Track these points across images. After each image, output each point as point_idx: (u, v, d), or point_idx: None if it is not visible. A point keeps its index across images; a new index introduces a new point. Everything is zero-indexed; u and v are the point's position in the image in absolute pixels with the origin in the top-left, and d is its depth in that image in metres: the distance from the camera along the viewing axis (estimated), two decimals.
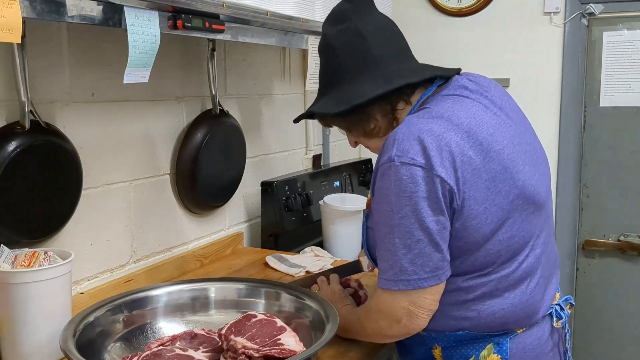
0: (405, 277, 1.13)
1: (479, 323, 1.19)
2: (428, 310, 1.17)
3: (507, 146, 1.17)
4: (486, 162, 1.13)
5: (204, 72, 1.86)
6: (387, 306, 1.18)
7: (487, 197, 1.13)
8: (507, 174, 1.15)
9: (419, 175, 1.10)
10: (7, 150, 1.27)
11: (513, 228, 1.16)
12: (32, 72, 1.33)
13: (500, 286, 1.18)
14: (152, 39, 1.32)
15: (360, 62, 1.24)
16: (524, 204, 1.18)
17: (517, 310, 1.19)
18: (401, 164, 1.11)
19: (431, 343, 1.25)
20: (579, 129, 2.67)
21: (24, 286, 1.18)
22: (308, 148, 2.53)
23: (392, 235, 1.13)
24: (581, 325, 2.78)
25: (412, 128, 1.14)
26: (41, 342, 1.22)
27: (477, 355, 1.21)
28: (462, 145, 1.12)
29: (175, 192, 1.84)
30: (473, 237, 1.14)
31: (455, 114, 1.16)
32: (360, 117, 1.26)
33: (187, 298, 1.41)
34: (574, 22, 2.56)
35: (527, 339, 1.23)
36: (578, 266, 2.77)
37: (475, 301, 1.18)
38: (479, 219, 1.13)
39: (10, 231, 1.30)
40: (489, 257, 1.16)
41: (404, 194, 1.11)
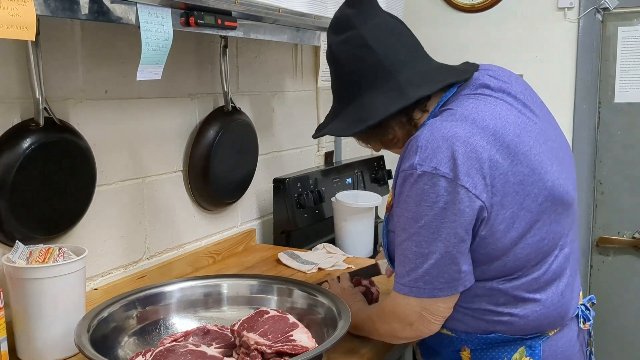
0: (420, 285, 1.12)
1: (512, 326, 1.16)
2: (440, 316, 1.16)
3: (533, 146, 1.14)
4: (514, 165, 1.09)
5: (216, 69, 1.87)
6: (400, 309, 1.17)
7: (515, 201, 1.09)
8: (535, 175, 1.11)
9: (441, 185, 1.06)
10: (22, 147, 1.28)
11: (542, 230, 1.13)
12: (46, 69, 1.34)
13: (532, 289, 1.15)
14: (164, 36, 1.32)
15: (370, 75, 1.19)
16: (553, 205, 1.14)
17: (550, 311, 1.17)
18: (423, 173, 1.07)
19: (460, 345, 1.23)
20: (593, 126, 2.64)
21: (39, 282, 1.20)
22: (320, 145, 2.53)
23: (410, 242, 1.11)
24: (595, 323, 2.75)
25: (436, 133, 1.09)
26: (56, 338, 1.23)
27: (509, 358, 1.18)
28: (489, 149, 1.08)
29: (188, 189, 1.84)
30: (501, 242, 1.10)
31: (480, 116, 1.12)
32: (377, 131, 1.22)
33: (200, 294, 1.41)
34: (588, 17, 2.54)
35: (559, 342, 1.20)
36: (592, 263, 2.75)
37: (508, 305, 1.15)
38: (506, 223, 1.09)
39: (25, 227, 1.31)
40: (518, 261, 1.13)
41: (425, 203, 1.07)
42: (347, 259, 1.91)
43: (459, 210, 1.06)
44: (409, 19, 2.73)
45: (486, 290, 1.16)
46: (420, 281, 1.11)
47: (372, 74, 1.19)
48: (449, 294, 1.12)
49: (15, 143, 1.28)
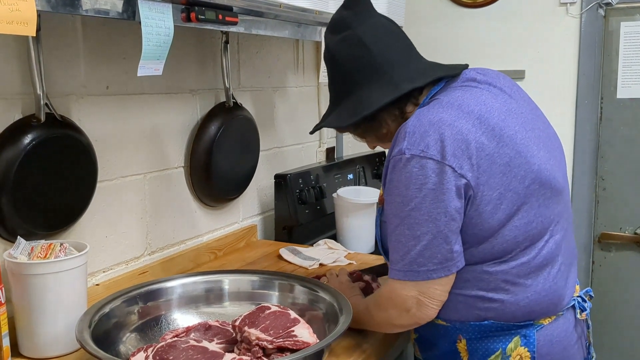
0: (414, 268, 1.14)
1: (504, 312, 1.18)
2: (437, 300, 1.17)
3: (519, 131, 1.17)
4: (500, 147, 1.13)
5: (217, 65, 1.87)
6: (397, 295, 1.18)
7: (502, 183, 1.13)
8: (521, 158, 1.15)
9: (429, 167, 1.10)
10: (23, 143, 1.28)
11: (530, 213, 1.15)
12: (47, 65, 1.34)
13: (522, 273, 1.17)
14: (165, 31, 1.32)
15: (365, 71, 1.24)
16: (541, 188, 1.17)
17: (542, 297, 1.18)
18: (412, 157, 1.11)
19: (455, 335, 1.24)
20: (596, 121, 2.64)
21: (40, 277, 1.20)
22: (321, 141, 2.53)
23: (402, 226, 1.14)
24: (597, 319, 2.75)
25: (423, 119, 1.14)
26: (57, 333, 1.23)
27: (504, 348, 1.20)
28: (474, 132, 1.12)
29: (190, 185, 1.84)
30: (488, 223, 1.13)
31: (465, 102, 1.17)
32: (372, 124, 1.27)
33: (202, 290, 1.41)
34: (590, 12, 2.53)
35: (554, 331, 1.21)
36: (594, 259, 2.74)
37: (498, 290, 1.17)
38: (493, 204, 1.12)
39: (26, 223, 1.31)
40: (506, 243, 1.15)
41: (414, 185, 1.11)
42: (348, 255, 1.91)
43: (447, 190, 1.10)
44: (410, 15, 2.73)
45: (476, 275, 1.17)
46: (415, 264, 1.14)
47: (367, 71, 1.24)
48: (442, 274, 1.14)
49: (16, 139, 1.28)
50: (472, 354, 1.22)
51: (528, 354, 1.19)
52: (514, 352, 1.19)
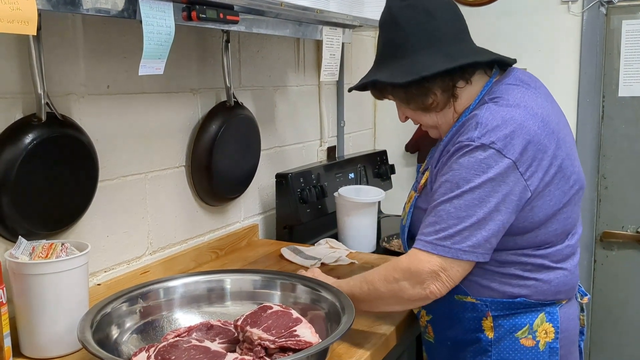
0: (447, 244, 1.18)
1: (536, 291, 1.26)
2: (453, 281, 1.21)
3: (567, 135, 1.28)
4: (557, 149, 1.21)
5: (218, 64, 1.86)
6: (417, 265, 1.20)
7: (554, 182, 1.21)
8: (569, 160, 1.25)
9: (495, 159, 1.16)
10: (24, 143, 1.28)
11: (569, 210, 1.26)
12: (47, 64, 1.34)
13: (555, 259, 1.27)
14: (166, 30, 1.32)
15: (426, 38, 1.28)
16: (580, 189, 1.28)
17: (567, 280, 1.29)
18: (481, 145, 1.17)
19: (484, 312, 1.28)
20: (597, 120, 2.63)
21: (42, 277, 1.19)
22: (323, 140, 2.52)
23: (448, 204, 1.18)
24: (599, 317, 2.76)
25: (496, 114, 1.20)
26: (59, 333, 1.23)
27: (531, 323, 1.27)
28: (539, 134, 1.19)
29: (191, 184, 1.84)
30: (537, 217, 1.21)
31: (529, 104, 1.23)
32: (421, 90, 1.29)
33: (203, 289, 1.41)
34: (592, 10, 2.53)
35: (570, 310, 1.32)
36: (596, 258, 2.74)
37: (534, 271, 1.25)
38: (544, 200, 1.20)
39: (27, 223, 1.31)
40: (548, 234, 1.24)
41: (474, 171, 1.17)
42: (350, 254, 1.91)
43: (506, 184, 1.16)
44: None
45: (517, 258, 1.25)
46: (449, 240, 1.18)
47: (428, 38, 1.28)
48: (471, 259, 1.18)
49: (17, 138, 1.28)
50: (498, 330, 1.27)
51: (552, 329, 1.27)
52: (540, 328, 1.27)
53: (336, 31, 2.05)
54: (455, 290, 1.28)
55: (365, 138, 2.91)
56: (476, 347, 1.29)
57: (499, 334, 1.27)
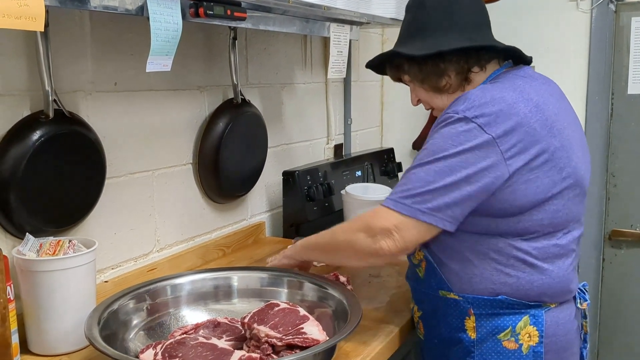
0: (408, 202, 1.18)
1: (517, 289, 1.23)
2: (406, 243, 1.20)
3: (567, 127, 1.26)
4: (549, 136, 1.20)
5: (225, 61, 1.86)
6: (375, 219, 1.21)
7: (541, 169, 1.19)
8: (564, 151, 1.22)
9: (475, 132, 1.16)
10: (32, 140, 1.28)
11: (560, 203, 1.23)
12: (55, 61, 1.34)
13: (540, 256, 1.23)
14: (174, 27, 1.32)
15: (448, 21, 1.31)
16: (574, 184, 1.25)
17: (554, 283, 1.25)
18: (464, 117, 1.18)
19: (466, 309, 1.27)
20: (606, 117, 2.62)
21: (49, 274, 1.20)
22: (330, 137, 2.52)
23: (419, 169, 1.19)
24: (607, 316, 2.74)
25: (486, 93, 1.21)
26: (66, 330, 1.23)
27: (514, 326, 1.25)
28: (529, 117, 1.19)
29: (198, 182, 1.84)
30: (519, 201, 1.19)
31: (526, 90, 1.24)
32: (436, 69, 1.31)
33: (210, 287, 1.41)
34: (601, 7, 2.51)
35: (560, 314, 1.28)
36: (604, 257, 2.72)
37: (516, 267, 1.23)
38: (528, 185, 1.18)
39: (35, 220, 1.31)
40: (531, 222, 1.21)
41: (451, 141, 1.17)
42: None
43: (483, 161, 1.15)
44: None
45: (497, 248, 1.23)
46: (410, 199, 1.18)
47: (450, 22, 1.31)
48: (428, 221, 1.17)
49: (25, 135, 1.28)
50: (480, 330, 1.26)
51: (536, 332, 1.24)
52: (523, 330, 1.24)
53: (344, 28, 2.05)
54: (439, 285, 1.29)
55: (372, 136, 2.90)
56: (460, 347, 1.29)
57: (481, 334, 1.26)
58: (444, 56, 1.29)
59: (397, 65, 1.38)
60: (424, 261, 1.33)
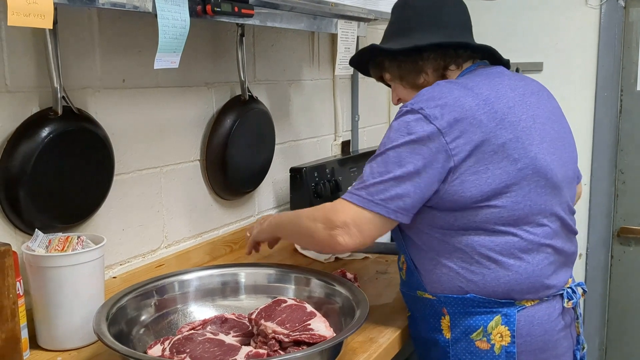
0: (362, 194, 1.20)
1: (484, 287, 1.23)
2: (362, 237, 1.21)
3: (524, 120, 1.24)
4: (498, 128, 1.20)
5: (232, 58, 1.86)
6: (333, 212, 1.23)
7: (492, 160, 1.19)
8: (518, 143, 1.21)
9: (421, 124, 1.19)
10: (41, 136, 1.28)
11: (519, 195, 1.21)
12: (64, 58, 1.34)
13: (504, 252, 1.22)
14: (181, 24, 1.32)
15: (431, 20, 1.35)
16: (534, 174, 1.23)
17: (523, 279, 1.23)
18: (411, 110, 1.21)
19: (440, 308, 1.27)
20: (615, 114, 2.60)
21: (58, 270, 1.20)
22: (337, 134, 2.52)
23: (374, 161, 1.23)
24: (616, 313, 2.73)
25: (435, 87, 1.24)
26: (75, 326, 1.24)
27: (485, 326, 1.24)
28: (475, 110, 1.20)
29: (205, 178, 1.84)
30: (470, 191, 1.19)
31: (478, 86, 1.25)
32: (414, 67, 1.35)
33: (218, 283, 1.42)
34: (610, 3, 2.49)
35: (536, 314, 1.25)
36: (613, 254, 2.71)
37: (481, 264, 1.23)
38: (478, 176, 1.19)
39: (44, 216, 1.32)
40: (490, 214, 1.21)
41: (400, 132, 1.20)
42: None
43: (427, 148, 1.18)
44: None
45: (460, 246, 1.23)
46: (364, 191, 1.21)
47: (432, 21, 1.35)
48: (380, 212, 1.19)
49: (34, 132, 1.28)
50: (454, 330, 1.26)
51: (508, 332, 1.23)
52: (494, 330, 1.24)
53: (351, 24, 2.05)
54: (416, 286, 1.30)
55: (379, 132, 2.90)
56: (437, 348, 1.29)
57: (455, 334, 1.26)
58: (421, 53, 1.32)
59: (378, 63, 1.42)
60: (405, 263, 1.34)
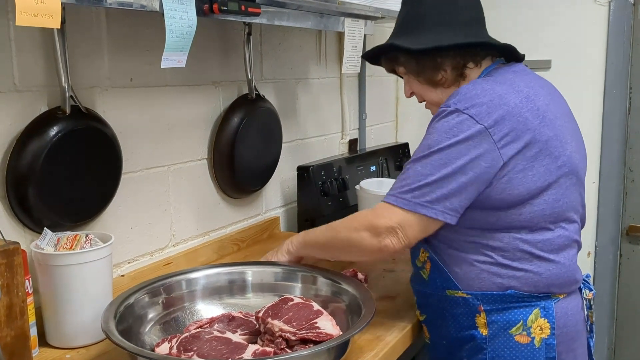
0: (407, 197, 1.20)
1: (526, 282, 1.24)
2: (408, 239, 1.22)
3: (559, 118, 1.28)
4: (541, 126, 1.22)
5: (240, 56, 1.86)
6: (378, 218, 1.23)
7: (537, 157, 1.21)
8: (557, 141, 1.24)
9: (467, 124, 1.18)
10: (49, 135, 1.29)
11: (559, 192, 1.24)
12: (71, 57, 1.35)
13: (546, 248, 1.25)
14: (188, 23, 1.32)
15: (446, 16, 1.34)
16: (570, 172, 1.27)
17: (562, 274, 1.26)
18: (455, 110, 1.21)
19: (475, 307, 1.26)
20: (624, 111, 2.59)
21: (66, 268, 1.21)
22: (344, 132, 2.52)
23: (417, 163, 1.22)
24: (624, 312, 2.72)
25: (477, 86, 1.24)
26: (84, 324, 1.25)
27: (525, 319, 1.25)
28: (520, 107, 1.21)
29: (213, 177, 1.85)
30: (517, 190, 1.20)
31: (516, 82, 1.27)
32: (433, 64, 1.33)
33: (225, 281, 1.42)
34: (619, 0, 2.47)
35: (569, 305, 1.29)
36: (622, 252, 2.70)
37: (523, 260, 1.24)
38: (525, 173, 1.20)
39: (52, 214, 1.33)
40: (534, 213, 1.23)
41: (446, 134, 1.20)
42: None
43: (474, 148, 1.18)
44: None
45: (503, 244, 1.24)
46: (410, 194, 1.21)
47: (447, 17, 1.34)
48: (428, 214, 1.20)
49: (42, 131, 1.29)
50: (492, 327, 1.26)
51: (548, 324, 1.25)
52: (534, 324, 1.25)
53: (358, 23, 2.04)
54: (446, 285, 1.29)
55: (387, 130, 2.90)
56: (471, 345, 1.28)
57: (492, 330, 1.26)
58: (441, 51, 1.31)
59: (392, 57, 1.41)
60: (429, 262, 1.33)
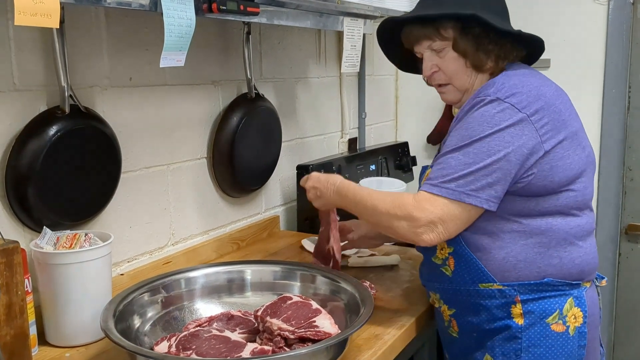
0: (452, 186, 1.19)
1: (561, 269, 1.27)
2: (448, 234, 1.22)
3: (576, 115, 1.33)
4: (570, 118, 1.27)
5: (239, 56, 1.86)
6: (420, 210, 1.20)
7: (571, 146, 1.25)
8: (582, 133, 1.31)
9: (508, 112, 1.20)
10: (48, 135, 1.29)
11: (586, 180, 1.29)
12: (71, 57, 1.35)
13: (578, 235, 1.29)
14: (187, 22, 1.32)
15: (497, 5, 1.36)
16: (591, 163, 1.32)
17: (589, 259, 1.31)
18: (496, 99, 1.22)
19: (512, 297, 1.27)
20: (623, 110, 2.59)
21: (66, 267, 1.21)
22: (344, 131, 2.52)
23: (457, 152, 1.21)
24: (623, 311, 2.72)
25: (512, 77, 1.26)
26: (83, 322, 1.25)
27: (561, 308, 1.27)
28: (554, 98, 1.25)
29: (212, 176, 1.85)
30: (558, 176, 1.23)
31: (544, 77, 1.32)
32: (486, 48, 1.30)
33: (224, 280, 1.42)
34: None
35: (592, 294, 1.34)
36: (620, 251, 2.70)
37: (558, 247, 1.27)
38: (564, 161, 1.23)
39: (52, 213, 1.33)
40: (569, 199, 1.26)
41: (487, 123, 1.20)
42: None
43: (519, 139, 1.19)
44: None
45: (541, 231, 1.26)
46: (453, 183, 1.20)
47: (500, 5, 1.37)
48: (473, 203, 1.19)
49: (41, 130, 1.29)
50: (528, 316, 1.27)
51: (581, 313, 1.28)
52: (569, 312, 1.28)
53: (357, 22, 2.05)
54: (477, 279, 1.28)
55: (386, 129, 2.90)
56: (505, 334, 1.29)
57: (529, 320, 1.27)
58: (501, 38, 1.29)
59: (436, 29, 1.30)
60: (452, 257, 1.31)
